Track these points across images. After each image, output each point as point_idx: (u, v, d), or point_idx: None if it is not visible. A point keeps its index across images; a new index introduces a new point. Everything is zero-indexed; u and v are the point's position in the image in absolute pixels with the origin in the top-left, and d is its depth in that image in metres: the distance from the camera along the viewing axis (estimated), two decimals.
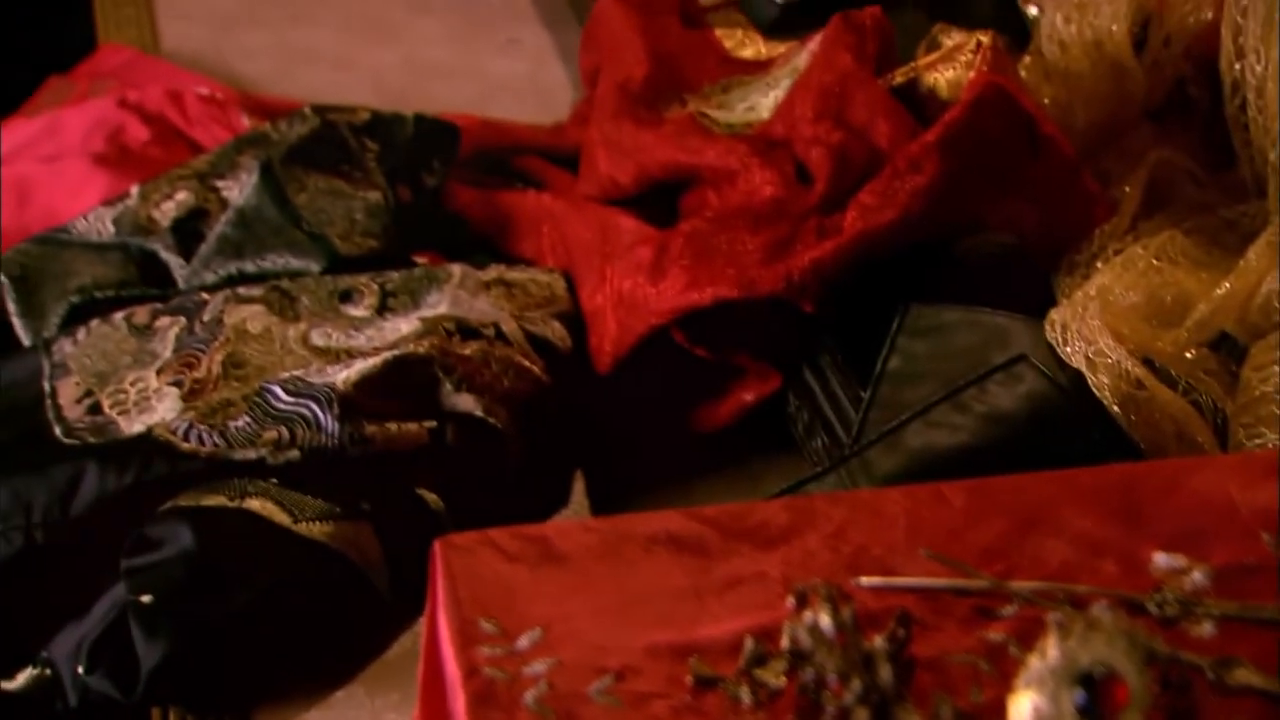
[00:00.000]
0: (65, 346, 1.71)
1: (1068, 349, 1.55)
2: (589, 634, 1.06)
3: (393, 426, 1.58)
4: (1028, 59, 1.95)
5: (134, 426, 1.59)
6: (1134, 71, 1.86)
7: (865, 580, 1.10)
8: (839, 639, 0.97)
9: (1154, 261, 1.66)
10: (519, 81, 2.43)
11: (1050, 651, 0.91)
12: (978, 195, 1.74)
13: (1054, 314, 1.60)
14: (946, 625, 1.08)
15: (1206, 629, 1.08)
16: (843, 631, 0.97)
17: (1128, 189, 1.79)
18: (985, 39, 1.83)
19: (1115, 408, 1.51)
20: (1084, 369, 1.53)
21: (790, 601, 1.01)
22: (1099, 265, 1.70)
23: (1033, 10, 1.98)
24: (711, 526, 1.14)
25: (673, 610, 1.08)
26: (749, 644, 1.03)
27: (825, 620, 0.97)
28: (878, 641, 0.99)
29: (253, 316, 1.72)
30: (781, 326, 1.72)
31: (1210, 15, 1.85)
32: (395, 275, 1.80)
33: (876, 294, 1.70)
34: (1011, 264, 1.75)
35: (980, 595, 1.10)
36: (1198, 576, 1.11)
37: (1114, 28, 1.85)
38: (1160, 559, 1.12)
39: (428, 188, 1.99)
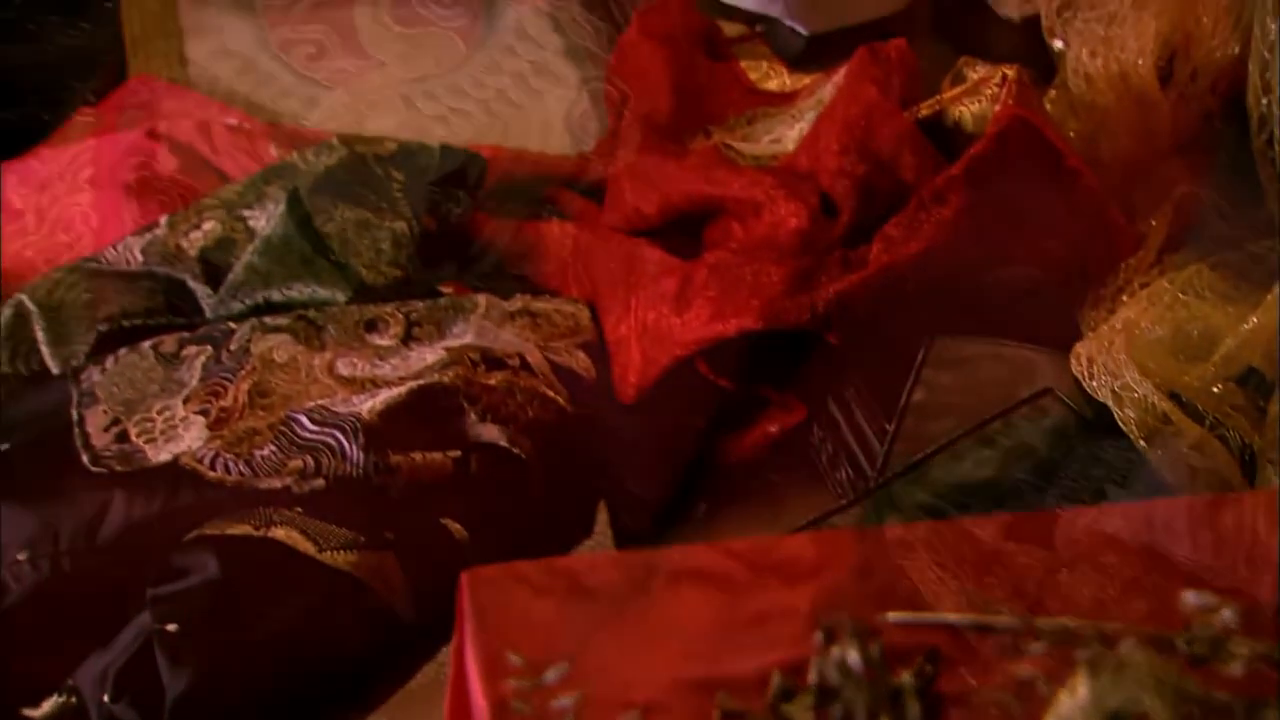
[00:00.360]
0: (93, 375, 1.72)
1: (1093, 383, 1.54)
2: (616, 668, 1.05)
3: (417, 456, 1.58)
4: (1053, 92, 1.95)
5: (161, 455, 1.60)
6: (1160, 105, 1.86)
7: (893, 616, 1.10)
8: (867, 675, 0.97)
9: (1180, 295, 1.66)
10: (545, 112, 2.43)
11: (1080, 689, 0.90)
12: (1003, 228, 1.74)
13: (1080, 348, 1.60)
14: (974, 662, 1.07)
15: (1236, 668, 1.07)
16: (870, 667, 0.97)
17: (1153, 223, 1.78)
18: (1011, 72, 1.83)
19: (1142, 442, 1.50)
20: (1110, 403, 1.52)
21: (818, 637, 1.01)
22: (1125, 299, 1.70)
23: (1058, 44, 1.97)
24: (738, 560, 1.14)
25: (700, 645, 1.07)
26: (776, 679, 1.03)
27: (853, 656, 0.97)
28: (905, 678, 0.99)
29: (279, 346, 1.72)
30: (806, 358, 1.72)
31: (1237, 50, 1.85)
32: (420, 305, 1.80)
33: (901, 326, 1.70)
34: (1037, 297, 1.75)
35: (1008, 631, 1.09)
36: (1227, 615, 1.10)
37: (1140, 62, 1.85)
38: (1189, 597, 1.12)
39: (453, 218, 2.00)
